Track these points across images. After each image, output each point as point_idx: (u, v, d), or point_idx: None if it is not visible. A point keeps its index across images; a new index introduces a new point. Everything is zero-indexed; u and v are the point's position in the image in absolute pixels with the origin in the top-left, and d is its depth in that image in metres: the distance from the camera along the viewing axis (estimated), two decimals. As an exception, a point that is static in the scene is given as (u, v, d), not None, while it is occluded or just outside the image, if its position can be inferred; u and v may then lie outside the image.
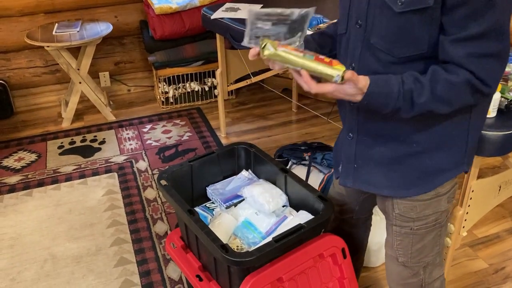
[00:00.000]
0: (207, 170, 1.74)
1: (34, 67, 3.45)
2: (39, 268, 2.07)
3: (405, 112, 1.05)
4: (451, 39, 1.00)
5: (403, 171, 1.19)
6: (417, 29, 1.02)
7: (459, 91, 1.02)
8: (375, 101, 1.05)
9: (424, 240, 1.29)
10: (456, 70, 1.01)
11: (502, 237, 2.17)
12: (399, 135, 1.15)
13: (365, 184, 1.26)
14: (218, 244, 1.33)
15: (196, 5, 3.23)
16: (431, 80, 1.02)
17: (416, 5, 0.99)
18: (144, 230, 2.26)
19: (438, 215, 1.26)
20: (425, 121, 1.12)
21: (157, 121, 3.26)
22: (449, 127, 1.13)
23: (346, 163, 1.27)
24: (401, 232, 1.29)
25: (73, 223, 2.32)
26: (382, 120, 1.14)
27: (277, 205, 1.57)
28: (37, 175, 2.70)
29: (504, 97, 1.45)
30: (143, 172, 2.69)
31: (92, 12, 3.43)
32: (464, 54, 0.99)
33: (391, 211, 1.28)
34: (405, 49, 1.05)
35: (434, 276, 1.38)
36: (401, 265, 1.35)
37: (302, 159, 2.19)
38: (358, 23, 1.10)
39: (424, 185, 1.20)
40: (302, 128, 3.13)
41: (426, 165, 1.17)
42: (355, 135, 1.22)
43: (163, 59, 3.26)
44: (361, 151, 1.23)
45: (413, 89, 1.03)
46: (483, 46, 0.98)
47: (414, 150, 1.16)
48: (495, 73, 1.03)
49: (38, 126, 3.25)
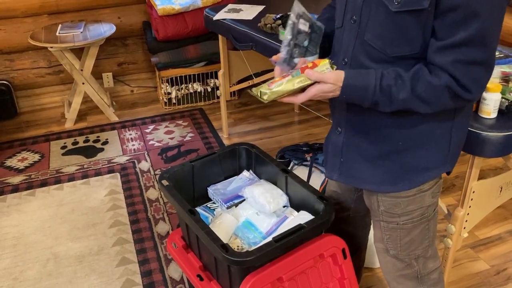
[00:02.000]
0: (209, 170, 1.74)
1: (38, 68, 3.47)
2: (41, 267, 2.08)
3: (383, 106, 1.09)
4: (440, 45, 1.02)
5: (387, 167, 1.22)
6: (411, 29, 1.03)
7: (438, 94, 1.05)
8: (353, 94, 1.09)
9: (412, 234, 1.31)
10: (439, 74, 1.03)
11: (504, 238, 2.17)
12: (384, 133, 1.18)
13: (350, 178, 1.29)
14: (218, 244, 1.33)
15: (199, 6, 3.24)
16: (413, 79, 1.05)
17: (412, 6, 1.01)
18: (146, 230, 2.27)
19: (423, 210, 1.28)
20: (410, 120, 1.14)
21: (160, 121, 3.27)
22: (433, 127, 1.16)
23: (333, 156, 1.30)
24: (389, 227, 1.32)
25: (76, 223, 2.33)
26: (369, 117, 1.17)
27: (277, 205, 1.58)
28: (40, 175, 2.71)
29: (505, 98, 1.45)
30: (146, 173, 2.70)
31: (95, 13, 3.45)
32: (451, 60, 1.01)
33: (377, 208, 1.31)
34: (398, 48, 1.07)
35: (430, 268, 1.39)
36: (393, 257, 1.38)
37: (304, 160, 2.20)
38: (353, 19, 1.12)
39: (407, 182, 1.22)
40: (304, 129, 3.13)
41: (409, 162, 1.20)
42: (343, 130, 1.25)
43: (166, 60, 3.27)
44: (347, 146, 1.25)
45: (392, 85, 1.06)
46: (469, 53, 1.00)
47: (399, 147, 1.19)
48: (479, 80, 1.04)
49: (41, 127, 3.27)
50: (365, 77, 1.08)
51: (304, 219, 1.46)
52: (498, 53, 1.76)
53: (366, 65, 1.11)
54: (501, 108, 1.45)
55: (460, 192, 2.43)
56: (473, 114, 1.47)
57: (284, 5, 2.65)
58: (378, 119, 1.16)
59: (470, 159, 1.49)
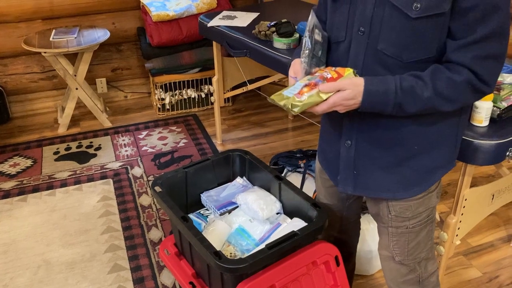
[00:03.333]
0: (202, 177, 1.74)
1: (31, 73, 3.46)
2: (32, 274, 2.06)
3: (408, 108, 1.08)
4: (460, 43, 1.03)
5: (403, 173, 1.22)
6: (429, 34, 1.04)
7: (459, 90, 1.06)
8: (375, 99, 1.07)
9: (419, 236, 1.32)
10: (459, 69, 1.04)
11: (496, 245, 2.18)
12: (399, 139, 1.18)
13: (366, 190, 1.28)
14: (211, 251, 1.33)
15: (193, 12, 3.25)
16: (432, 78, 1.05)
17: (432, 11, 1.01)
18: (138, 237, 2.25)
19: (429, 211, 1.30)
20: (422, 122, 1.15)
21: (153, 127, 3.26)
22: (443, 126, 1.18)
23: (344, 169, 1.28)
24: (398, 232, 1.32)
25: (68, 229, 2.31)
26: (382, 125, 1.16)
27: (271, 212, 1.58)
28: (32, 180, 2.69)
29: (497, 107, 1.46)
30: (139, 179, 2.69)
31: (90, 19, 3.45)
32: (470, 57, 1.03)
33: (387, 214, 1.30)
34: (414, 54, 1.07)
35: (430, 271, 1.40)
36: (398, 264, 1.38)
37: (298, 167, 2.20)
38: (361, 30, 1.11)
39: (423, 184, 1.24)
40: (298, 135, 3.14)
41: (424, 165, 1.21)
42: (354, 142, 1.22)
43: (160, 66, 3.27)
44: (360, 157, 1.24)
45: (414, 85, 1.05)
46: (487, 48, 1.02)
47: (414, 152, 1.19)
48: (496, 73, 1.06)
49: (34, 132, 3.25)
50: (383, 81, 1.07)
51: (297, 226, 1.46)
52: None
53: (380, 74, 1.11)
54: (493, 117, 1.46)
55: (453, 199, 2.44)
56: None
57: (278, 12, 2.66)
58: (392, 125, 1.16)
59: (463, 166, 1.50)
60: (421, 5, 1.01)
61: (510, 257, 2.11)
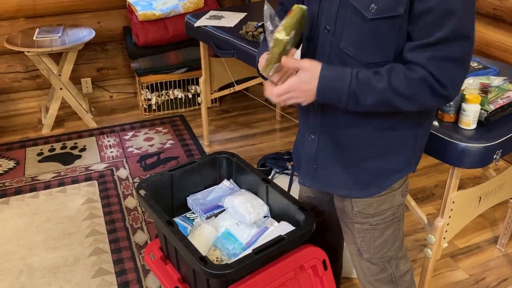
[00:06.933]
0: (188, 179, 1.71)
1: (14, 72, 3.39)
2: (13, 279, 2.01)
3: (363, 99, 1.08)
4: (416, 44, 1.05)
5: (358, 173, 1.24)
6: (386, 36, 1.06)
7: (416, 87, 1.06)
8: (329, 86, 1.08)
9: (384, 235, 1.33)
10: (415, 68, 1.05)
11: (483, 247, 2.18)
12: (356, 140, 1.20)
13: (323, 184, 1.31)
14: (197, 256, 1.30)
15: (180, 12, 3.22)
16: (388, 72, 1.06)
17: (387, 13, 1.03)
18: (123, 240, 2.22)
19: (394, 209, 1.31)
20: (380, 126, 1.17)
21: (139, 128, 3.22)
22: (401, 131, 1.19)
23: (306, 162, 1.31)
24: (362, 228, 1.33)
25: (51, 233, 2.27)
26: (343, 124, 1.19)
27: (258, 215, 1.55)
28: (15, 182, 2.64)
29: (484, 109, 1.46)
30: (124, 181, 2.65)
31: (74, 18, 3.39)
32: (426, 57, 1.03)
33: (351, 210, 1.32)
34: (372, 55, 1.09)
35: (402, 270, 1.42)
36: (367, 261, 1.39)
37: (285, 168, 2.19)
38: (327, 28, 1.13)
39: (377, 186, 1.25)
40: (285, 136, 3.12)
41: (379, 167, 1.23)
42: (317, 137, 1.26)
43: (146, 65, 3.23)
44: (320, 153, 1.26)
45: (370, 76, 1.06)
46: (444, 50, 1.03)
47: (369, 154, 1.21)
48: (455, 76, 1.05)
49: (17, 133, 3.19)
50: (340, 69, 1.09)
51: (284, 230, 1.44)
52: (476, 64, 1.78)
53: None
54: (480, 119, 1.46)
55: (440, 200, 2.44)
56: (453, 125, 1.48)
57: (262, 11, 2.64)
58: (352, 125, 1.18)
59: (450, 169, 1.50)
60: (377, 7, 1.03)
61: (496, 259, 2.12)
